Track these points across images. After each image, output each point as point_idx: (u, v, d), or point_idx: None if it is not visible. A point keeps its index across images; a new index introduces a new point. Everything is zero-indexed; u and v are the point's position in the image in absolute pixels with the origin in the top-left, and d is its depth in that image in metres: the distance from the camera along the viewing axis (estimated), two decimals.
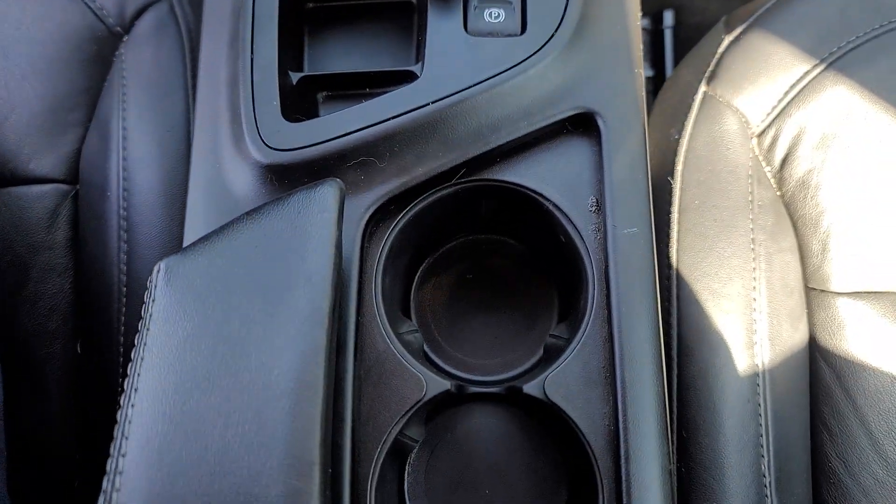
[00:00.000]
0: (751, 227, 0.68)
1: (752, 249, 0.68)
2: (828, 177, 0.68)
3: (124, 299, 0.70)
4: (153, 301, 0.46)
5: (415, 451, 0.60)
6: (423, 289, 0.65)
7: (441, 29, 0.59)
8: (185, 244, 0.56)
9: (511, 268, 0.66)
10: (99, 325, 0.71)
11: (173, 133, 0.72)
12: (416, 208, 0.58)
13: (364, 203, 0.56)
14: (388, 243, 0.57)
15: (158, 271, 0.46)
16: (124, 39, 0.75)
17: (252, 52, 0.58)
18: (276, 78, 0.57)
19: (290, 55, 0.61)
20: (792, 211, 0.70)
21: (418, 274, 0.65)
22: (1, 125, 0.71)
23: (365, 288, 0.56)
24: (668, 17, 1.19)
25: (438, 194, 0.58)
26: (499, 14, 0.59)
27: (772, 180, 0.70)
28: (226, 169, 0.57)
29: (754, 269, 0.67)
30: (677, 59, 1.16)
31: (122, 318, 0.70)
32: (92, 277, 0.71)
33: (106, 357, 0.70)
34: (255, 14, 0.59)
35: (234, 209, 0.55)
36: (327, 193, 0.48)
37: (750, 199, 0.69)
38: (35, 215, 0.71)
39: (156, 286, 0.46)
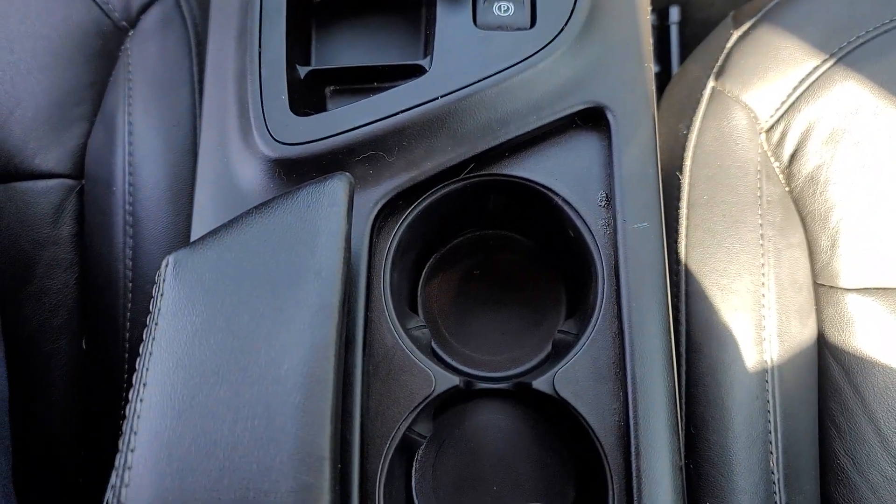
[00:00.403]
0: (759, 222, 0.68)
1: (761, 245, 0.67)
2: (837, 172, 0.68)
3: (130, 295, 0.70)
4: (162, 295, 0.45)
5: (423, 447, 0.59)
6: (431, 284, 0.65)
7: (450, 22, 0.58)
8: (192, 238, 0.56)
9: (519, 263, 0.65)
10: (104, 321, 0.71)
11: (179, 128, 0.72)
12: (425, 203, 0.58)
13: (373, 197, 0.55)
14: (397, 238, 0.57)
15: (167, 265, 0.46)
16: (130, 34, 0.75)
17: (260, 47, 0.57)
18: (284, 72, 0.57)
19: (297, 49, 0.61)
20: (801, 207, 0.70)
21: (426, 269, 0.65)
22: (6, 120, 0.71)
23: (373, 283, 0.56)
24: (675, 13, 1.18)
25: (447, 189, 0.58)
26: (508, 8, 0.59)
27: (780, 176, 0.70)
28: (233, 163, 0.57)
29: (763, 265, 0.67)
30: (683, 55, 1.16)
31: (128, 313, 0.70)
32: (97, 273, 0.71)
33: (111, 353, 0.70)
34: (262, 8, 0.58)
35: (241, 203, 0.55)
36: (337, 187, 0.48)
37: (758, 194, 0.69)
38: (40, 210, 0.71)
39: (164, 280, 0.45)
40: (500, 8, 0.59)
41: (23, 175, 0.71)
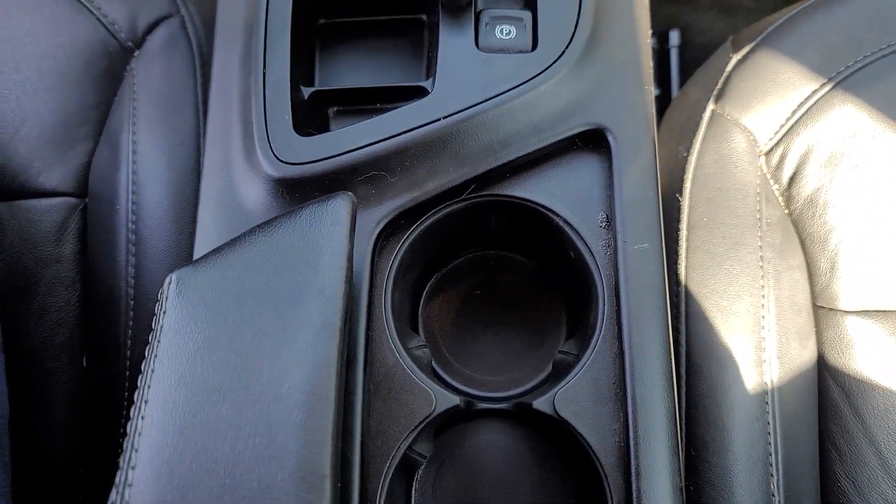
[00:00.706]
0: (759, 244, 0.68)
1: (761, 267, 0.68)
2: (836, 195, 0.68)
3: (132, 313, 0.70)
4: (164, 313, 0.45)
5: (423, 466, 0.59)
6: (432, 304, 0.65)
7: (452, 45, 0.59)
8: (195, 256, 0.57)
9: (520, 283, 0.66)
10: (106, 339, 0.71)
11: (183, 147, 0.72)
12: (426, 223, 0.58)
13: (375, 217, 0.56)
14: (398, 258, 0.57)
15: (170, 283, 0.46)
16: (136, 54, 0.75)
17: (264, 67, 0.58)
18: (288, 93, 0.57)
19: (301, 70, 0.61)
20: (800, 229, 0.70)
21: (427, 289, 0.65)
22: (11, 139, 0.71)
23: (375, 302, 0.56)
24: (675, 37, 1.19)
25: (448, 209, 0.58)
26: (510, 31, 0.59)
27: (780, 198, 0.71)
28: (237, 182, 0.57)
29: (763, 286, 0.67)
30: (683, 79, 1.17)
31: (129, 331, 0.70)
32: (99, 291, 0.71)
33: (112, 370, 0.70)
34: (267, 30, 0.59)
35: (245, 222, 0.55)
36: (339, 206, 0.48)
37: (758, 216, 0.69)
38: (44, 228, 0.72)
39: (167, 298, 0.46)
40: (502, 31, 0.59)
41: (27, 193, 0.72)
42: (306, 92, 0.61)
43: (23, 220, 0.71)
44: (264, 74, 0.58)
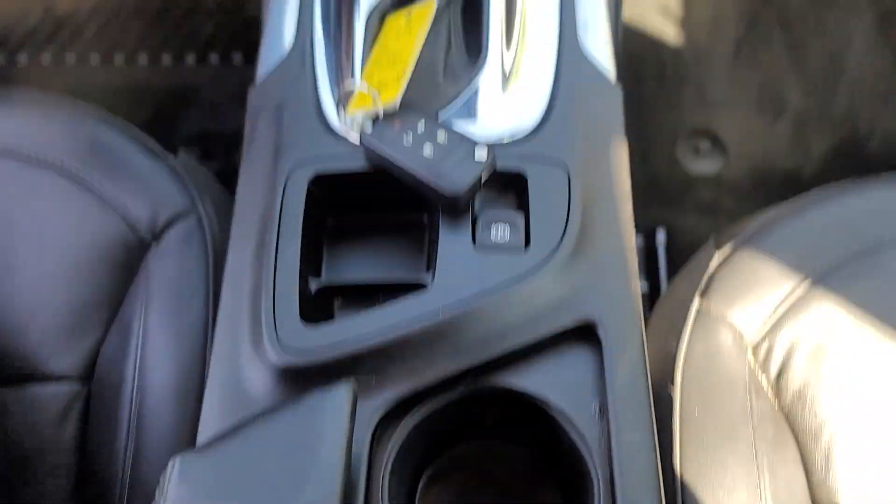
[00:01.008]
0: (752, 438, 0.69)
1: (755, 460, 0.68)
2: (823, 390, 0.70)
3: (125, 500, 0.70)
4: (165, 499, 0.46)
5: None
6: (429, 493, 0.65)
7: (450, 243, 0.63)
8: (199, 439, 0.57)
9: (515, 473, 0.66)
10: None
11: (191, 336, 0.75)
12: (423, 412, 0.59)
13: (374, 405, 0.57)
14: (396, 447, 0.58)
15: (173, 467, 0.47)
16: (152, 249, 0.80)
17: (276, 262, 0.62)
18: (297, 285, 0.60)
19: (310, 264, 0.65)
20: (792, 422, 0.71)
21: (424, 478, 0.65)
22: (26, 326, 0.74)
23: (372, 490, 0.56)
24: (661, 235, 1.26)
25: (445, 399, 0.60)
26: (504, 231, 0.64)
27: (769, 392, 0.72)
28: (243, 369, 0.59)
29: (759, 478, 0.67)
30: (671, 274, 1.22)
31: None
32: (95, 475, 0.71)
33: None
34: (280, 228, 0.63)
35: (249, 408, 0.57)
36: (341, 396, 0.50)
37: (749, 409, 0.70)
38: (47, 413, 0.72)
39: (169, 481, 0.46)
40: (496, 232, 0.64)
41: (33, 378, 0.73)
42: (314, 285, 0.64)
43: (27, 406, 0.72)
44: (275, 268, 0.61)
